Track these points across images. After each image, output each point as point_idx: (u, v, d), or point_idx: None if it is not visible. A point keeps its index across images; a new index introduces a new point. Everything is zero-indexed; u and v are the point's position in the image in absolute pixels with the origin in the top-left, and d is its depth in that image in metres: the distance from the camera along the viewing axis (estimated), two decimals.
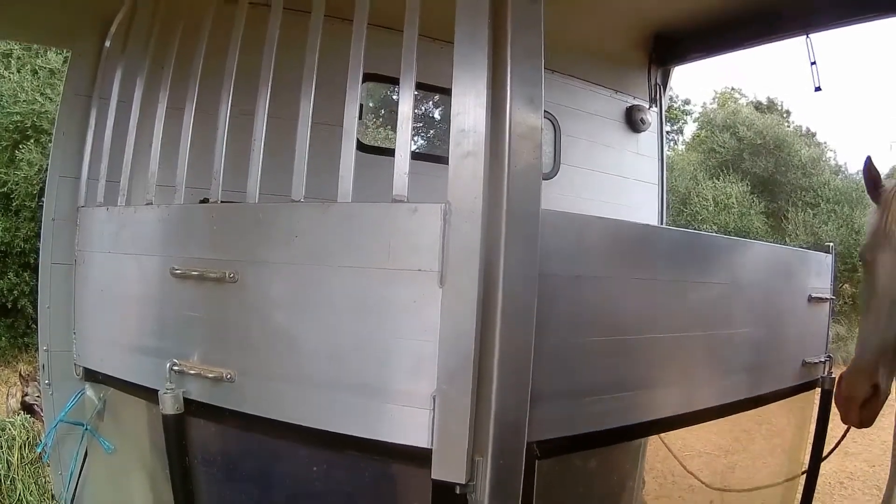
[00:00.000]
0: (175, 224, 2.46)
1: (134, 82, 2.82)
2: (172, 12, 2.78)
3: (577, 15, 3.21)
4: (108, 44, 3.06)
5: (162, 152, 2.60)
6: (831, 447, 2.96)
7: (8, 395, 5.00)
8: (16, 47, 7.32)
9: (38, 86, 7.15)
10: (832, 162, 14.18)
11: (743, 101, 16.36)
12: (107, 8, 3.04)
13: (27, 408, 4.68)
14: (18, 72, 7.19)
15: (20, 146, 6.88)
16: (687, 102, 18.07)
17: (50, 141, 6.64)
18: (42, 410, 3.74)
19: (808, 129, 15.33)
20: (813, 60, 3.42)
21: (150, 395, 2.36)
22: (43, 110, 6.96)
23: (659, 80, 4.30)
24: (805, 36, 3.39)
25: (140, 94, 2.77)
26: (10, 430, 3.83)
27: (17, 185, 6.86)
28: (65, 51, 7.13)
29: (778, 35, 3.55)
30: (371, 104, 9.95)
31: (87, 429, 2.91)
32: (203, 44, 2.54)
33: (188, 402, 2.24)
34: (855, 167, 14.46)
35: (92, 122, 3.03)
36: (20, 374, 5.23)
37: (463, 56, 1.74)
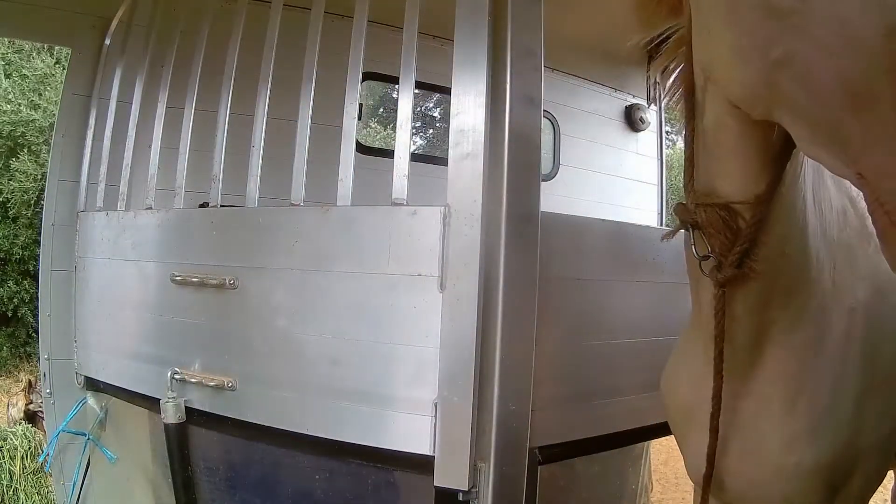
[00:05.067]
0: (175, 229, 2.45)
1: (134, 82, 2.81)
2: (172, 9, 2.77)
3: (576, 12, 3.19)
4: (107, 42, 3.06)
5: (161, 155, 2.59)
6: None
7: (8, 404, 4.99)
8: (7, 52, 7.30)
9: (24, 93, 7.12)
10: None
11: None
12: (107, 5, 3.04)
13: (31, 416, 4.67)
14: (8, 77, 7.17)
15: (14, 156, 6.86)
16: None
17: (41, 150, 6.67)
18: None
19: None
20: None
21: (151, 403, 2.35)
22: (30, 119, 6.92)
23: (658, 79, 4.27)
24: None
25: (140, 94, 2.76)
26: (11, 440, 3.83)
27: (13, 193, 6.84)
28: (57, 51, 7.14)
29: None
30: (370, 102, 9.95)
31: (89, 438, 2.90)
32: (203, 42, 2.53)
33: (190, 411, 2.23)
34: None
35: (91, 122, 3.03)
36: (29, 382, 5.22)
37: (463, 55, 1.73)
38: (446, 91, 1.84)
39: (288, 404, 1.99)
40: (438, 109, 9.73)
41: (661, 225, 4.56)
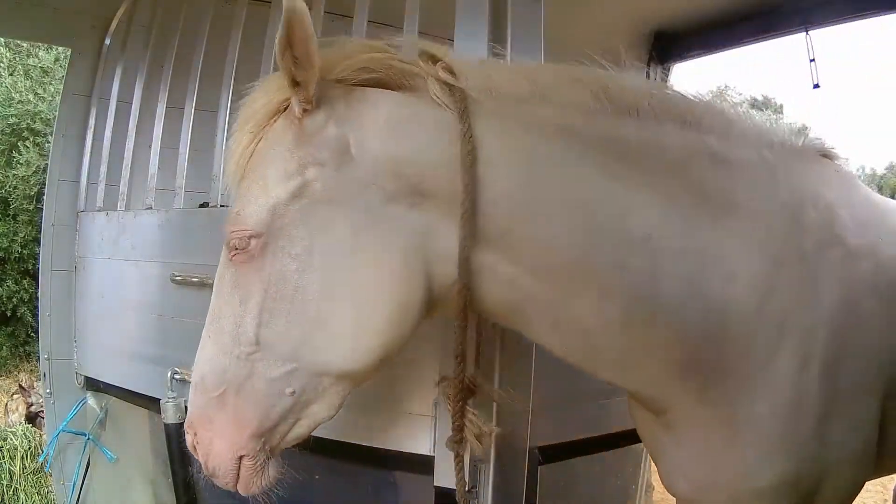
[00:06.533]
0: (175, 229, 2.44)
1: (133, 82, 2.81)
2: (172, 10, 2.77)
3: (576, 12, 3.20)
4: (107, 41, 3.06)
5: (161, 155, 2.59)
6: None
7: (7, 405, 4.99)
8: (4, 50, 7.31)
9: (31, 86, 7.13)
10: None
11: (738, 98, 16.27)
12: (107, 5, 3.04)
13: (32, 417, 4.67)
14: (11, 75, 7.17)
15: (16, 148, 6.85)
16: None
17: (46, 141, 6.66)
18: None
19: (804, 126, 15.22)
20: (812, 57, 3.40)
21: (151, 403, 2.35)
22: (36, 110, 6.92)
23: (658, 79, 4.26)
24: (804, 32, 3.37)
25: (140, 94, 2.76)
26: (11, 439, 3.83)
27: (15, 188, 6.82)
28: (56, 48, 7.15)
29: (778, 31, 3.53)
30: None
31: (89, 438, 2.90)
32: (203, 43, 2.53)
33: None
34: (856, 163, 14.47)
35: (91, 122, 3.03)
36: (20, 385, 5.23)
37: (463, 55, 1.72)
38: None
39: None
40: None
41: None
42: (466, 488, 1.43)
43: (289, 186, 1.14)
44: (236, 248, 1.17)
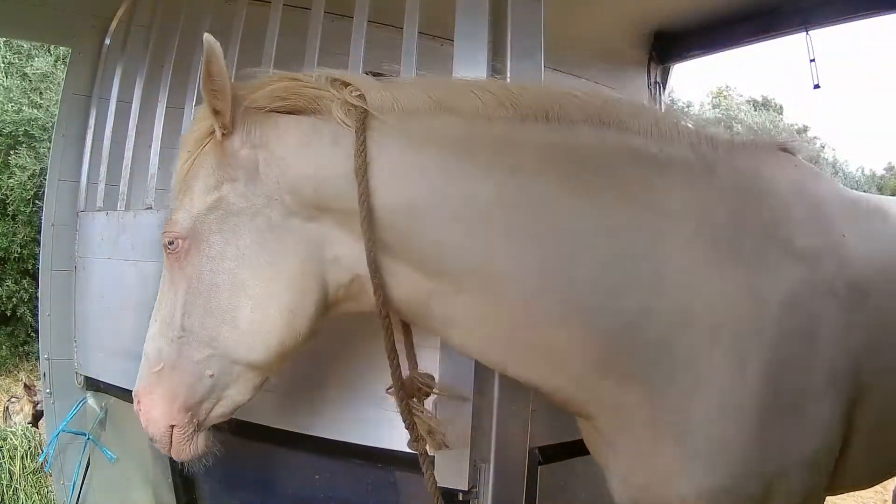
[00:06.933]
0: None
1: (133, 82, 2.81)
2: (172, 10, 2.77)
3: (576, 12, 3.20)
4: (107, 41, 3.06)
5: (161, 155, 2.59)
6: None
7: (9, 408, 4.98)
8: (6, 53, 7.32)
9: (27, 91, 7.15)
10: (831, 159, 14.08)
11: (738, 98, 16.25)
12: (107, 5, 3.05)
13: (39, 415, 4.67)
14: (8, 77, 7.19)
15: (12, 151, 6.86)
16: (689, 105, 17.94)
17: (41, 145, 6.69)
18: None
19: (804, 126, 15.19)
20: (812, 57, 3.40)
21: None
22: (32, 118, 6.94)
23: (658, 79, 4.27)
24: (805, 32, 3.37)
25: (140, 94, 2.77)
26: (11, 439, 3.82)
27: (13, 190, 6.84)
28: (55, 52, 7.15)
29: (778, 31, 3.54)
30: None
31: (89, 438, 2.90)
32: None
33: None
34: (855, 164, 14.47)
35: (91, 122, 3.03)
36: (24, 385, 5.22)
37: (463, 55, 1.73)
38: None
39: (288, 404, 1.99)
40: None
41: None
42: (467, 488, 1.44)
43: (208, 199, 1.32)
44: (168, 248, 1.35)
